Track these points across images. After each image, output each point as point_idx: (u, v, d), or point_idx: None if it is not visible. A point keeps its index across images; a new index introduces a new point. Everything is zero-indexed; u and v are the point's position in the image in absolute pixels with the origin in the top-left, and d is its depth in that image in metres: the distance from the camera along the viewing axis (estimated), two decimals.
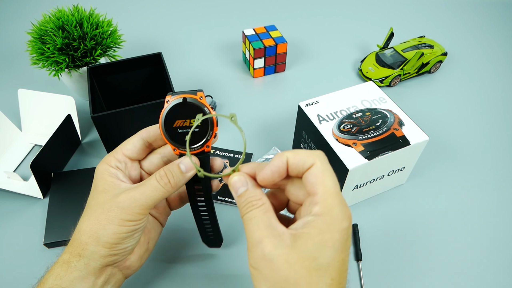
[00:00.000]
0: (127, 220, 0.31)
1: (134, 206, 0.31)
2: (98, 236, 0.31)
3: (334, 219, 0.26)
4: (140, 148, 0.34)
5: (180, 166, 0.32)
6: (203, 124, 0.32)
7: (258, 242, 0.26)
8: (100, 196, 0.32)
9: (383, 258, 0.47)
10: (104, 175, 0.33)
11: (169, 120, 0.31)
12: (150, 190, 0.31)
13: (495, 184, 0.56)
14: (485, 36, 0.85)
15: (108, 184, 0.32)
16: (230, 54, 0.79)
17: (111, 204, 0.31)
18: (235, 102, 0.68)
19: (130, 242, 0.33)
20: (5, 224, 0.50)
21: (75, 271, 0.31)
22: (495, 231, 0.50)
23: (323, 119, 0.49)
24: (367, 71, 0.72)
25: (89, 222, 0.32)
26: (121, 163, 0.34)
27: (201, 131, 0.32)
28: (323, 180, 0.27)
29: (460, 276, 0.46)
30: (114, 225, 0.31)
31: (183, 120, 0.32)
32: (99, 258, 0.31)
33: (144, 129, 0.35)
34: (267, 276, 0.26)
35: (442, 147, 0.61)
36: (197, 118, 0.30)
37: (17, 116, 0.63)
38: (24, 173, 0.56)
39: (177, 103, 0.31)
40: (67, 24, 0.58)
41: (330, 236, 0.26)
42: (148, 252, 0.37)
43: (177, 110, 0.31)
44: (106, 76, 0.59)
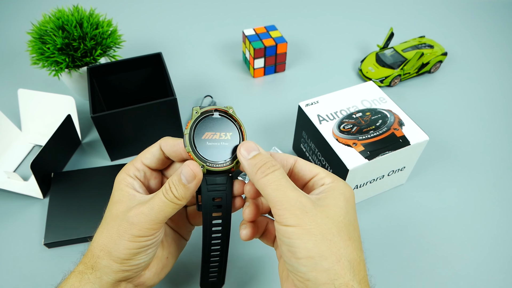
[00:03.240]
0: (138, 236, 0.30)
1: (144, 221, 0.30)
2: (110, 250, 0.30)
3: (345, 185, 0.30)
4: (159, 158, 0.33)
5: (180, 177, 0.29)
6: (232, 139, 0.29)
7: (297, 201, 0.27)
8: (114, 208, 0.31)
9: (383, 258, 0.47)
10: (121, 185, 0.32)
11: (198, 132, 0.29)
12: (158, 204, 0.30)
13: (495, 184, 0.56)
14: (485, 36, 0.85)
15: (123, 195, 0.31)
16: (230, 54, 0.79)
17: (122, 218, 0.30)
18: (235, 102, 0.68)
19: (143, 258, 0.31)
20: (5, 224, 0.50)
21: (88, 283, 0.31)
22: (495, 231, 0.50)
23: (323, 119, 0.49)
24: (367, 71, 0.72)
25: (102, 235, 0.31)
26: (140, 172, 0.33)
27: (230, 146, 0.29)
28: (314, 165, 0.31)
29: (460, 276, 0.46)
30: (125, 241, 0.30)
31: (213, 133, 0.29)
32: (111, 273, 0.31)
33: (163, 139, 0.33)
34: (313, 230, 0.26)
35: (442, 147, 0.61)
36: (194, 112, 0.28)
37: (17, 116, 0.63)
38: (24, 173, 0.56)
39: (208, 115, 0.29)
40: (67, 24, 0.58)
41: (349, 196, 0.29)
42: (167, 268, 0.36)
43: (207, 122, 0.29)
44: (106, 76, 0.59)
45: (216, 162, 0.29)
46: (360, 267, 0.27)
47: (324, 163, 0.49)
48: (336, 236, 0.26)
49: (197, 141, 0.28)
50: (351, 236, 0.27)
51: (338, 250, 0.26)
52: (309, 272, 0.26)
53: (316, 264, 0.25)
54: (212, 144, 0.29)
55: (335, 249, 0.26)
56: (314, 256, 0.25)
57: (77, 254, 0.46)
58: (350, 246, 0.27)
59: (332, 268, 0.25)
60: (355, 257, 0.26)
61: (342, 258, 0.26)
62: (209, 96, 0.68)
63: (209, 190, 0.30)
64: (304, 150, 0.55)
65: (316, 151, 0.51)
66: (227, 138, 0.29)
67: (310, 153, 0.53)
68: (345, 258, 0.26)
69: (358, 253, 0.27)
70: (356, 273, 0.26)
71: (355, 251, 0.27)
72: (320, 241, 0.26)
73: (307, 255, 0.26)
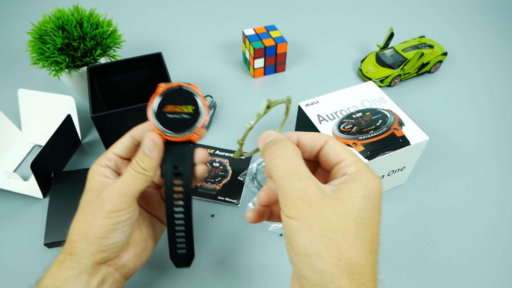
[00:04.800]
0: (111, 212, 0.31)
1: (116, 195, 0.31)
2: (86, 232, 0.31)
3: (370, 177, 0.27)
4: (129, 146, 0.35)
5: (143, 149, 0.31)
6: (194, 112, 0.31)
7: (302, 192, 0.25)
8: (87, 195, 0.33)
9: (383, 258, 0.47)
10: (93, 174, 0.33)
11: (160, 105, 0.31)
12: (127, 178, 0.32)
13: (495, 183, 0.56)
14: (485, 36, 0.85)
15: (95, 183, 0.33)
16: (230, 54, 0.79)
17: (95, 200, 0.32)
18: (235, 102, 0.68)
19: (119, 236, 0.32)
20: (5, 224, 0.50)
21: (68, 269, 0.31)
22: (495, 230, 0.50)
23: (323, 119, 0.49)
24: (367, 71, 0.72)
25: (77, 221, 0.32)
26: (111, 161, 0.34)
27: (191, 119, 0.32)
28: (345, 148, 0.29)
29: (460, 276, 0.46)
30: (99, 218, 0.31)
31: (174, 106, 0.31)
32: (89, 255, 0.31)
33: (133, 128, 0.35)
34: (313, 227, 0.24)
35: (442, 147, 0.61)
36: (264, 106, 0.30)
37: (17, 116, 0.63)
38: (24, 173, 0.56)
39: (172, 90, 0.31)
40: (67, 24, 0.58)
41: (371, 191, 0.26)
42: (148, 251, 0.37)
43: (170, 96, 0.31)
44: (106, 76, 0.59)
45: (175, 133, 0.31)
46: (364, 272, 0.24)
47: None
48: (339, 236, 0.24)
49: (159, 113, 0.31)
50: (359, 236, 0.25)
51: (339, 251, 0.24)
52: (305, 270, 0.24)
53: (312, 263, 0.24)
54: (173, 116, 0.31)
55: (335, 250, 0.24)
56: (311, 254, 0.24)
57: None
58: (355, 248, 0.24)
59: (328, 270, 0.24)
60: (358, 260, 0.24)
61: (341, 260, 0.24)
62: (209, 96, 0.68)
63: (170, 159, 0.32)
64: None
65: None
66: (188, 111, 0.31)
67: None
68: (345, 261, 0.24)
69: (365, 256, 0.25)
70: (355, 278, 0.24)
71: (360, 254, 0.24)
72: (319, 239, 0.24)
73: (304, 252, 0.24)
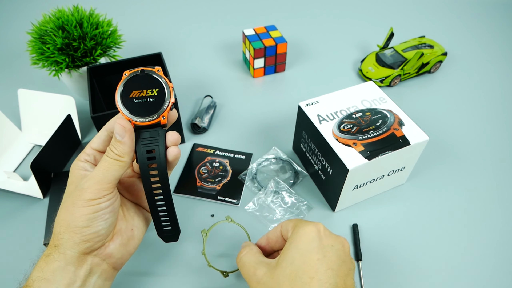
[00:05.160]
0: (90, 200, 0.32)
1: (93, 183, 0.32)
2: (68, 222, 0.32)
3: (300, 229, 0.34)
4: (104, 139, 0.35)
5: (115, 136, 0.32)
6: (159, 95, 0.32)
7: (253, 275, 0.33)
8: (68, 189, 0.34)
9: (383, 258, 0.47)
10: (73, 170, 0.34)
11: (125, 91, 0.31)
12: (103, 165, 0.32)
13: (495, 183, 0.56)
14: (485, 36, 0.85)
15: (75, 177, 0.34)
16: (230, 54, 0.79)
17: (75, 191, 0.32)
18: (235, 102, 0.68)
19: (101, 224, 0.33)
20: (5, 224, 0.50)
21: (55, 262, 0.32)
22: (495, 231, 0.50)
23: (323, 119, 0.49)
24: (367, 71, 0.72)
25: (60, 213, 0.33)
26: (89, 156, 0.35)
27: (157, 101, 0.32)
28: (290, 223, 0.36)
29: (459, 276, 0.46)
30: (80, 207, 0.32)
31: (139, 91, 0.32)
32: (73, 246, 0.32)
33: (108, 122, 0.35)
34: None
35: (442, 147, 0.61)
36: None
37: (17, 116, 0.63)
38: (24, 173, 0.56)
39: (134, 75, 0.32)
40: (67, 24, 0.58)
41: (300, 241, 0.32)
42: (135, 241, 0.37)
43: (134, 82, 0.32)
44: (106, 76, 0.59)
45: (142, 117, 0.31)
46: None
47: (324, 163, 0.49)
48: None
49: (125, 99, 0.31)
50: (293, 284, 0.30)
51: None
52: None
53: None
54: (140, 101, 0.31)
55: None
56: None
57: None
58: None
59: None
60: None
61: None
62: (209, 96, 0.68)
63: (142, 144, 0.33)
64: (304, 150, 0.55)
65: (316, 151, 0.51)
66: (153, 94, 0.32)
67: (310, 153, 0.53)
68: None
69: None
70: None
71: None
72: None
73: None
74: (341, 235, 0.49)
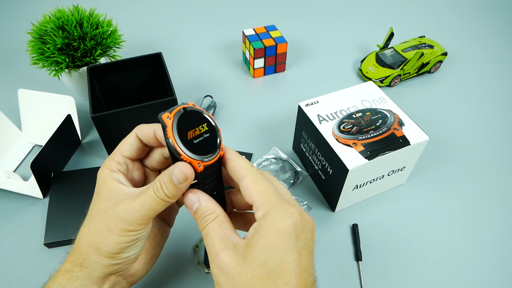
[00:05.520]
0: (128, 231, 0.30)
1: (134, 217, 0.30)
2: (99, 246, 0.30)
3: (274, 219, 0.27)
4: (137, 147, 0.33)
5: (172, 178, 0.29)
6: (209, 128, 0.30)
7: (215, 257, 0.27)
8: (101, 204, 0.31)
9: (383, 258, 0.47)
10: (106, 181, 0.31)
11: (181, 134, 0.28)
12: (148, 202, 0.30)
13: (495, 183, 0.56)
14: (485, 36, 0.85)
15: (110, 191, 0.31)
16: (230, 54, 0.79)
17: (111, 213, 0.30)
18: (235, 102, 0.68)
19: (133, 250, 0.31)
20: (5, 224, 0.50)
21: (77, 280, 0.31)
22: (495, 231, 0.50)
23: (323, 119, 0.49)
24: (367, 71, 0.72)
25: (89, 232, 0.31)
26: (122, 166, 0.32)
27: (211, 135, 0.30)
28: (255, 186, 0.28)
29: (459, 276, 0.46)
30: (115, 235, 0.30)
31: (193, 130, 0.29)
32: (101, 268, 0.31)
33: (138, 128, 0.33)
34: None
35: (442, 147, 0.61)
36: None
37: (17, 116, 0.63)
38: (24, 173, 0.56)
39: (180, 115, 0.29)
40: (67, 24, 0.58)
41: (274, 238, 0.26)
42: (155, 258, 0.36)
43: (184, 122, 0.29)
44: (106, 76, 0.59)
45: (209, 155, 0.30)
46: None
47: (324, 163, 0.49)
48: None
49: (185, 143, 0.29)
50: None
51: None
52: None
53: None
54: (199, 140, 0.29)
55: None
56: None
57: None
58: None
59: None
60: None
61: None
62: (209, 96, 0.68)
63: (207, 185, 0.31)
64: (304, 150, 0.55)
65: (316, 151, 0.51)
66: (206, 130, 0.30)
67: (310, 153, 0.53)
68: None
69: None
70: None
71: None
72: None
73: None
74: (341, 235, 0.49)
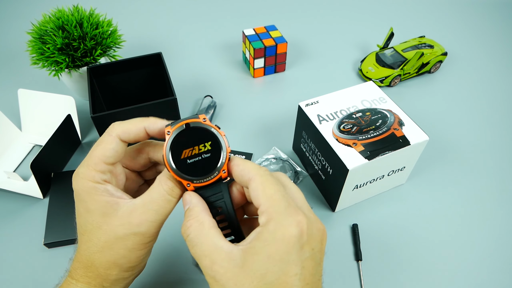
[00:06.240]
0: (147, 243, 0.30)
1: (153, 227, 0.29)
2: (120, 264, 0.29)
3: (276, 227, 0.24)
4: (122, 152, 0.30)
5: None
6: (213, 147, 0.28)
7: (209, 268, 0.25)
8: (103, 222, 0.28)
9: (383, 258, 0.47)
10: (92, 195, 0.28)
11: (175, 153, 0.27)
12: (164, 206, 0.29)
13: (495, 183, 0.56)
14: (485, 36, 0.85)
15: (104, 206, 0.28)
16: (230, 54, 0.79)
17: (124, 231, 0.28)
18: (235, 102, 0.68)
19: (149, 254, 0.32)
20: (5, 224, 0.50)
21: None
22: (495, 231, 0.50)
23: (323, 119, 0.49)
24: (367, 71, 0.72)
25: (103, 255, 0.29)
26: (106, 175, 0.29)
27: (212, 156, 0.28)
28: (263, 190, 0.26)
29: (459, 276, 0.46)
30: (136, 251, 0.29)
31: (190, 149, 0.28)
32: (122, 280, 0.31)
33: (119, 128, 0.29)
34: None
35: (442, 147, 0.61)
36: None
37: (17, 116, 0.63)
38: (24, 173, 0.56)
39: (180, 131, 0.27)
40: (67, 24, 0.58)
41: (275, 248, 0.24)
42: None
43: (182, 139, 0.27)
44: (106, 76, 0.59)
45: (201, 177, 0.28)
46: None
47: (324, 163, 0.49)
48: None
49: (177, 162, 0.27)
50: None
51: None
52: None
53: None
54: (194, 160, 0.28)
55: None
56: None
57: None
58: None
59: None
60: None
61: None
62: (209, 96, 0.68)
63: (209, 206, 0.29)
64: (304, 150, 0.55)
65: (316, 151, 0.51)
66: (207, 149, 0.28)
67: (310, 153, 0.53)
68: None
69: None
70: None
71: None
72: None
73: None
74: (341, 235, 0.49)
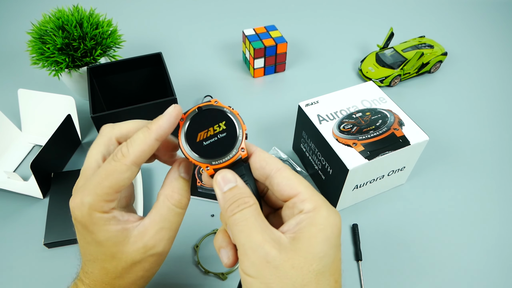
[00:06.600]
0: (163, 259, 0.30)
1: (168, 244, 0.29)
2: (140, 284, 0.30)
3: (330, 213, 0.25)
4: (136, 174, 0.28)
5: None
6: (228, 127, 0.28)
7: (259, 247, 0.24)
8: (116, 251, 0.28)
9: (383, 258, 0.47)
10: (101, 226, 0.27)
11: (190, 137, 0.27)
12: (175, 220, 0.29)
13: (495, 183, 0.56)
14: (485, 36, 0.85)
15: (115, 236, 0.27)
16: (230, 54, 0.79)
17: (141, 255, 0.28)
18: (235, 102, 0.68)
19: None
20: (5, 224, 0.50)
21: None
22: (495, 231, 0.50)
23: (323, 119, 0.49)
24: (367, 71, 0.72)
25: (122, 279, 0.29)
26: (113, 203, 0.27)
27: (229, 135, 0.28)
28: (299, 180, 0.26)
29: (459, 276, 0.46)
30: (154, 269, 0.30)
31: (205, 131, 0.28)
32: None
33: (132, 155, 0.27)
34: (271, 284, 0.23)
35: (442, 147, 0.61)
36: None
37: (17, 116, 0.63)
38: (24, 173, 0.56)
39: (193, 115, 0.28)
40: (67, 24, 0.58)
41: (332, 231, 0.25)
42: None
43: (195, 123, 0.28)
44: (106, 76, 0.59)
45: (220, 158, 0.27)
46: None
47: (324, 163, 0.49)
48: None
49: (194, 145, 0.27)
50: (321, 286, 0.24)
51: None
52: None
53: None
54: (210, 141, 0.27)
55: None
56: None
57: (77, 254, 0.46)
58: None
59: None
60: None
61: None
62: (209, 96, 0.68)
63: None
64: (304, 150, 0.55)
65: (316, 151, 0.51)
66: (223, 129, 0.28)
67: (310, 153, 0.53)
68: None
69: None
70: None
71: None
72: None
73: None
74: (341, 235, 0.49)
